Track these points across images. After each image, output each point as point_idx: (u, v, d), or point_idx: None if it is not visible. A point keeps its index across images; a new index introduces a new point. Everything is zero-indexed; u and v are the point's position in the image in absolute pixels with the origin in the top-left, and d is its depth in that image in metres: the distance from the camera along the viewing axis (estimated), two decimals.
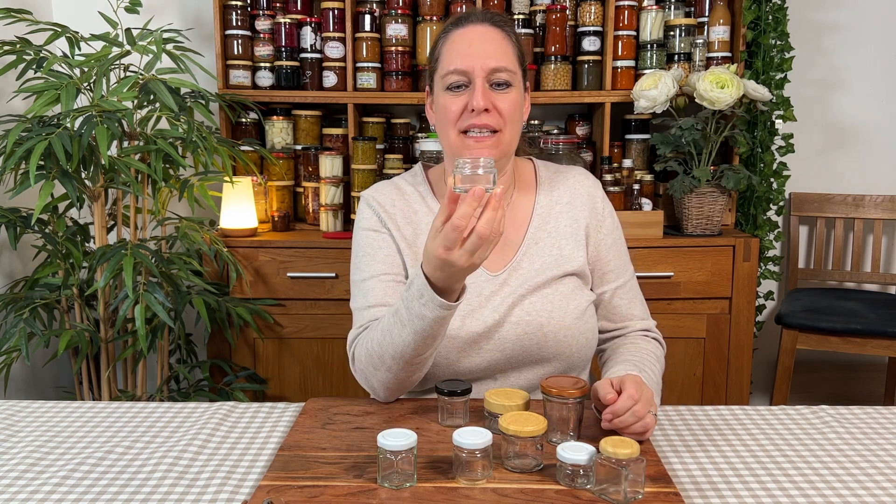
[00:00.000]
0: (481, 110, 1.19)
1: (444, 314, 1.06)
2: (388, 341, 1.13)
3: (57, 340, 2.20)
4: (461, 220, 0.97)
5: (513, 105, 1.22)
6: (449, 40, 1.24)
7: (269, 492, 0.92)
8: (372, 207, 1.33)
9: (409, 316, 1.08)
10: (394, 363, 1.14)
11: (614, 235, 1.35)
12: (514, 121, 1.24)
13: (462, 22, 1.25)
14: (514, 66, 1.23)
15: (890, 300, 2.51)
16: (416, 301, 1.07)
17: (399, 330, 1.11)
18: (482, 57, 1.20)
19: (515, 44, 1.26)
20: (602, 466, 0.90)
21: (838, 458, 1.05)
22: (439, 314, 1.06)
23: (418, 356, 1.13)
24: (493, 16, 1.25)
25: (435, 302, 1.05)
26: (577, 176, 1.37)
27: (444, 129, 1.25)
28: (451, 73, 1.21)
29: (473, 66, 1.20)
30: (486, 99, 1.19)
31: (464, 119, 1.21)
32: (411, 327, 1.09)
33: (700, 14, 2.46)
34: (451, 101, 1.22)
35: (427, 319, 1.07)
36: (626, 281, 1.35)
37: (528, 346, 1.24)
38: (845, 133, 2.73)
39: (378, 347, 1.15)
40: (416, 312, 1.07)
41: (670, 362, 2.26)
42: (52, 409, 1.24)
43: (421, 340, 1.10)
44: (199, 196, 2.11)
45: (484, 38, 1.22)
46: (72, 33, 2.04)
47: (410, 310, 1.08)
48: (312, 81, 2.47)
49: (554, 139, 2.30)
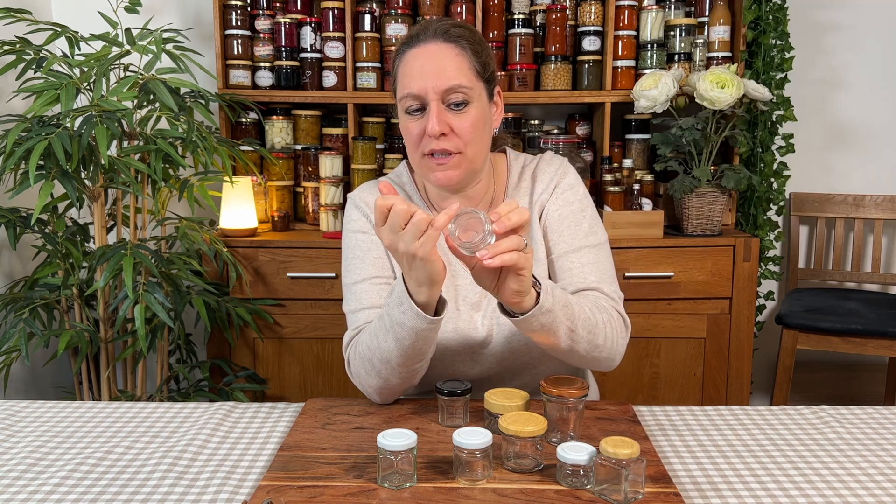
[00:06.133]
0: (437, 135, 1.17)
1: (421, 325, 1.06)
2: (375, 346, 1.13)
3: (57, 340, 2.20)
4: (402, 205, 0.98)
5: (472, 124, 1.19)
6: (403, 61, 1.21)
7: (269, 492, 0.92)
8: (360, 209, 1.32)
9: (391, 322, 1.09)
10: (383, 368, 1.14)
11: (572, 207, 1.29)
12: (476, 139, 1.20)
13: (414, 41, 1.21)
14: (471, 80, 1.19)
15: (890, 300, 2.51)
16: (396, 308, 1.07)
17: (384, 335, 1.11)
18: (434, 78, 1.16)
19: (472, 56, 1.20)
20: (602, 466, 0.90)
21: (838, 458, 1.05)
22: (416, 324, 1.05)
23: (405, 365, 1.12)
24: (448, 29, 1.20)
25: (412, 310, 1.04)
26: (543, 166, 1.34)
27: (409, 150, 1.24)
28: (406, 97, 1.19)
29: (426, 88, 1.17)
30: (441, 123, 1.16)
31: (424, 143, 1.19)
32: (393, 334, 1.09)
33: (700, 14, 2.46)
34: (410, 125, 1.20)
35: (406, 327, 1.07)
36: (581, 247, 1.27)
37: (517, 348, 1.25)
38: (845, 133, 2.73)
39: (367, 351, 1.15)
40: (396, 319, 1.08)
41: (670, 362, 2.27)
42: (52, 409, 1.24)
43: (403, 348, 1.10)
44: (198, 196, 2.11)
45: (436, 57, 1.18)
46: (71, 33, 2.04)
47: (391, 316, 1.09)
48: (312, 81, 2.47)
49: (554, 139, 2.30)
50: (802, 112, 2.63)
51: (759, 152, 2.45)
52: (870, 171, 2.74)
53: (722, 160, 2.44)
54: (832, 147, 2.74)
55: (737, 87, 2.15)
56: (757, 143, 2.44)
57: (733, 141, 2.32)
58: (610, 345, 1.17)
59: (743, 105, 2.29)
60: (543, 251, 1.29)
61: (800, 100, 2.64)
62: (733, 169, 2.24)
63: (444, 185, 1.22)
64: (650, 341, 2.26)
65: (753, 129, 2.44)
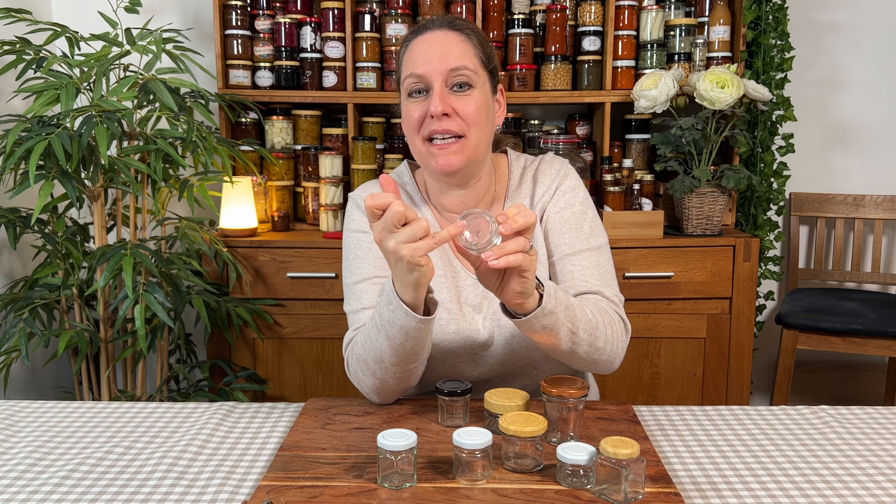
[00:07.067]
0: (440, 115, 1.17)
1: (410, 323, 1.05)
2: (369, 345, 1.13)
3: (57, 340, 2.20)
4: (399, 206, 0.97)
5: (476, 107, 1.19)
6: (408, 48, 1.23)
7: (269, 492, 0.92)
8: (360, 208, 1.32)
9: (381, 321, 1.09)
10: (377, 368, 1.14)
11: (573, 210, 1.30)
12: (479, 123, 1.20)
13: (421, 30, 1.23)
14: (475, 65, 1.20)
15: (890, 300, 2.51)
16: (386, 307, 1.07)
17: (376, 334, 1.11)
18: (439, 59, 1.18)
19: (478, 45, 1.22)
20: (602, 466, 0.90)
21: (838, 458, 1.05)
22: (406, 323, 1.05)
23: (398, 365, 1.12)
24: (454, 20, 1.23)
25: (401, 309, 1.04)
26: (544, 167, 1.34)
27: (410, 137, 1.24)
28: (409, 76, 1.20)
29: (430, 69, 1.18)
30: (444, 102, 1.17)
31: (426, 126, 1.19)
32: (384, 332, 1.09)
33: (700, 14, 2.46)
34: (412, 108, 1.21)
35: (395, 326, 1.07)
36: (582, 250, 1.27)
37: (518, 350, 1.25)
38: (845, 133, 2.73)
39: (362, 351, 1.15)
40: (387, 318, 1.07)
41: (670, 362, 2.27)
42: (52, 409, 1.24)
43: (395, 347, 1.09)
44: (198, 196, 2.11)
45: (442, 41, 1.20)
46: (71, 33, 2.04)
47: (382, 315, 1.08)
48: (312, 81, 2.47)
49: (554, 139, 2.30)
50: (802, 112, 2.63)
51: (759, 152, 2.45)
52: (870, 171, 2.74)
53: (722, 160, 2.44)
54: (832, 147, 2.74)
55: (737, 87, 2.15)
56: (757, 143, 2.44)
57: (733, 141, 2.32)
58: (610, 348, 1.17)
59: (743, 105, 2.29)
60: (545, 253, 1.29)
61: (800, 100, 2.64)
62: (733, 169, 2.24)
63: (445, 171, 1.21)
64: (650, 341, 2.26)
65: (753, 129, 2.44)
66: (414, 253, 0.96)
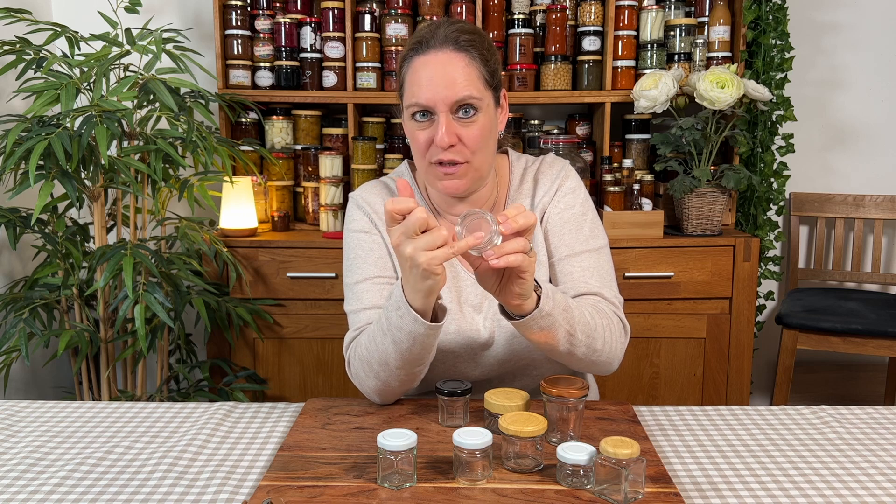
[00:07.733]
0: (446, 147, 1.17)
1: (418, 330, 1.05)
2: (374, 347, 1.13)
3: (57, 340, 2.20)
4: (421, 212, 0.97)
5: (481, 132, 1.19)
6: (411, 68, 1.20)
7: (269, 492, 0.92)
8: (362, 208, 1.32)
9: (389, 326, 1.09)
10: (381, 370, 1.14)
11: (573, 211, 1.30)
12: (483, 147, 1.20)
13: (423, 47, 1.19)
14: (481, 90, 1.18)
15: (890, 300, 2.51)
16: (394, 312, 1.07)
17: (381, 338, 1.11)
18: (444, 89, 1.16)
19: (482, 64, 1.19)
20: (602, 466, 0.90)
21: (838, 458, 1.05)
22: (414, 329, 1.05)
23: (403, 368, 1.12)
24: (458, 37, 1.18)
25: (410, 315, 1.04)
26: (545, 168, 1.34)
27: (415, 156, 1.24)
28: (413, 106, 1.18)
29: (435, 98, 1.16)
30: (450, 135, 1.16)
31: (432, 152, 1.19)
32: (391, 337, 1.09)
33: (700, 14, 2.46)
34: (417, 132, 1.20)
35: (403, 331, 1.07)
36: (582, 251, 1.27)
37: (519, 350, 1.25)
38: (845, 133, 2.73)
39: (366, 353, 1.15)
40: (394, 323, 1.07)
41: (670, 362, 2.27)
42: (52, 410, 1.24)
43: (401, 352, 1.09)
44: (198, 196, 2.11)
45: (446, 67, 1.17)
46: (71, 33, 2.04)
47: (389, 320, 1.08)
48: (312, 81, 2.47)
49: (554, 139, 2.30)
50: (802, 112, 2.63)
51: (759, 152, 2.45)
52: (870, 171, 2.74)
53: (722, 160, 2.44)
54: (832, 147, 2.74)
55: (737, 87, 2.15)
56: (757, 143, 2.44)
57: (733, 141, 2.32)
58: (608, 349, 1.17)
59: (743, 105, 2.29)
60: (545, 254, 1.29)
61: (800, 100, 2.64)
62: (733, 169, 2.24)
63: (450, 194, 1.23)
64: (650, 341, 2.26)
65: (753, 129, 2.44)
66: (431, 261, 0.96)
